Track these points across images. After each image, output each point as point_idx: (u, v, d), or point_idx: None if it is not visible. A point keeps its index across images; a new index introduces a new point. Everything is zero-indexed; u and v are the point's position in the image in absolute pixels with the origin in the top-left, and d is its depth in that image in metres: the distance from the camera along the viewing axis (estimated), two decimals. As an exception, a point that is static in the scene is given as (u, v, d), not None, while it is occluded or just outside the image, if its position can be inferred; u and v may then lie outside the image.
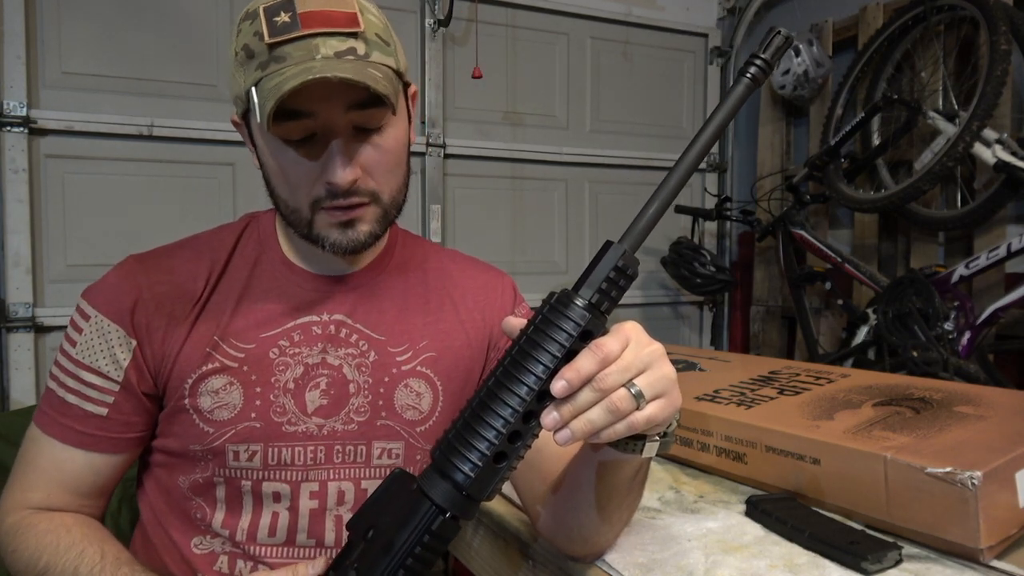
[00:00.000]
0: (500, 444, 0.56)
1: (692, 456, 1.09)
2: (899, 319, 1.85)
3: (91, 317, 0.80)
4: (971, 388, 1.07)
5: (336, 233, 0.77)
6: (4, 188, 1.82)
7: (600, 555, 0.82)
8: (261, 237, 0.87)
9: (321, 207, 0.76)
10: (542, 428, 0.57)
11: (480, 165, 2.43)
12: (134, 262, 0.83)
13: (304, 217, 0.77)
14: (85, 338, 0.79)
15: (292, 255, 0.86)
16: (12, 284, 1.84)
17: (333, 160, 0.73)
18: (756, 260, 2.70)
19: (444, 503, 0.58)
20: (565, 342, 0.55)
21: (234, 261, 0.85)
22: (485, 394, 0.57)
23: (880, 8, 2.21)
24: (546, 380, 0.56)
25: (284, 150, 0.74)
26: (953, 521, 0.76)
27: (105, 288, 0.81)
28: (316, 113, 0.71)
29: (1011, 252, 1.70)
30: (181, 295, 0.81)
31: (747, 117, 2.82)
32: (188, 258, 0.84)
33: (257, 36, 0.70)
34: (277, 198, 0.79)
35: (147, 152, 2.00)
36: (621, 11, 2.66)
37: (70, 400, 0.79)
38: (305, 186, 0.75)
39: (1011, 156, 1.72)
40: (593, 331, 0.56)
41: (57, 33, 1.89)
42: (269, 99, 0.67)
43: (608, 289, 0.57)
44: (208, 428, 0.80)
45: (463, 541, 1.07)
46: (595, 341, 0.56)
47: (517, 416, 0.56)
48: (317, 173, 0.74)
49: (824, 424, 0.95)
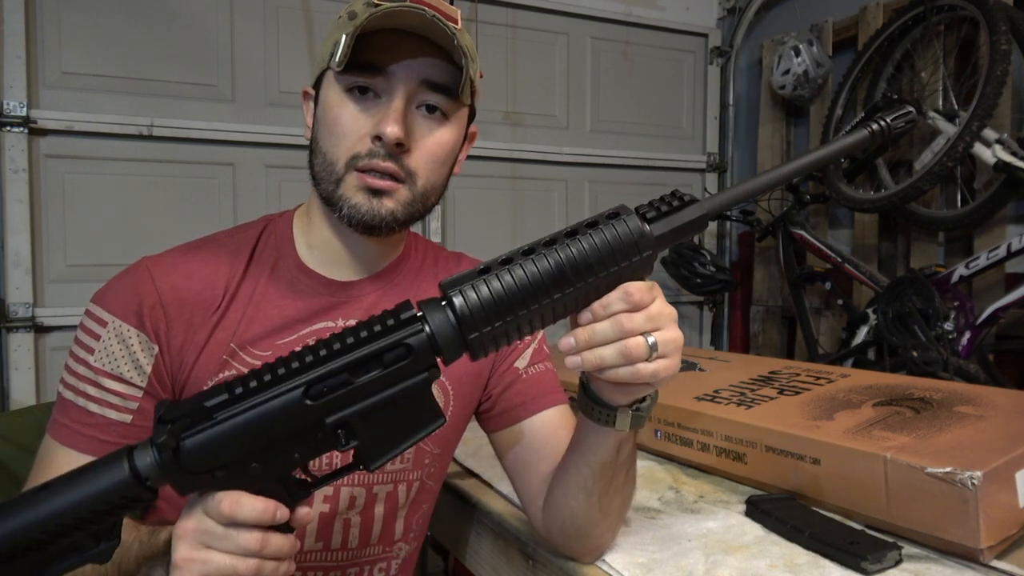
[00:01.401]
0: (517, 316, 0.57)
1: (692, 456, 1.09)
2: (899, 319, 1.85)
3: (108, 323, 0.77)
4: (971, 388, 1.07)
5: (361, 197, 0.76)
6: (4, 188, 1.82)
7: (600, 554, 0.82)
8: (278, 242, 0.86)
9: (356, 167, 0.76)
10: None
11: (480, 165, 2.43)
12: (150, 265, 0.80)
13: (337, 172, 0.77)
14: (104, 345, 0.76)
15: (309, 260, 0.85)
16: (12, 284, 1.84)
17: (387, 115, 0.74)
18: (756, 260, 2.70)
19: (436, 328, 0.56)
20: (616, 265, 0.58)
21: (252, 268, 0.83)
22: (528, 269, 0.56)
23: (880, 8, 2.21)
24: (583, 291, 0.58)
25: (344, 102, 0.76)
26: (953, 521, 0.76)
27: (121, 292, 0.79)
28: (392, 73, 0.73)
29: (1011, 252, 1.70)
30: (199, 302, 0.79)
31: (747, 117, 2.82)
32: (206, 262, 0.81)
33: (366, 3, 0.74)
34: (317, 154, 0.79)
35: (147, 152, 2.00)
36: (621, 11, 2.66)
37: (92, 409, 0.76)
38: (350, 138, 0.75)
39: (1011, 156, 1.72)
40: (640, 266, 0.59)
41: (57, 33, 1.89)
42: (359, 18, 0.70)
43: (672, 237, 0.61)
44: None
45: (463, 541, 1.08)
46: (627, 284, 0.59)
47: (547, 309, 0.57)
48: (367, 129, 0.75)
49: (824, 424, 0.95)
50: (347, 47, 0.71)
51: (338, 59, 0.72)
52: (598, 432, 0.70)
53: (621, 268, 0.58)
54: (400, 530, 0.89)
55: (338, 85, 0.76)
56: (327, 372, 0.56)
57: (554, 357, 0.98)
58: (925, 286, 1.80)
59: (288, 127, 2.12)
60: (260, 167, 2.14)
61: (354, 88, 0.76)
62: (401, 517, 0.89)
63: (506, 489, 1.02)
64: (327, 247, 0.84)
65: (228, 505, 0.56)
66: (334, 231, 0.84)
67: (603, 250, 0.57)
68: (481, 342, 0.57)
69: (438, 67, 0.76)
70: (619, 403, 0.67)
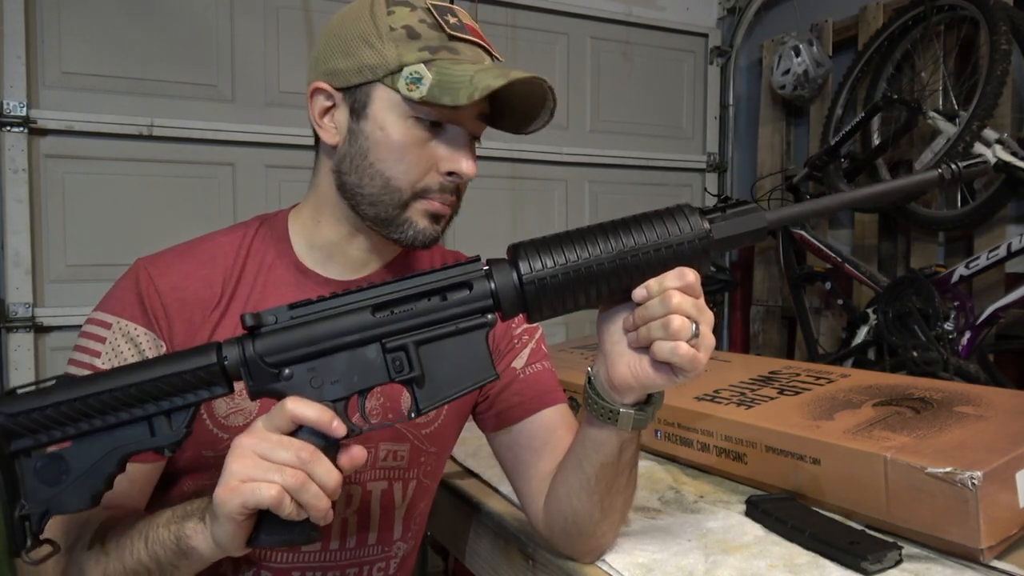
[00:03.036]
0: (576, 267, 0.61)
1: (692, 456, 1.09)
2: (899, 319, 1.84)
3: (112, 324, 0.77)
4: (971, 388, 1.07)
5: (425, 222, 0.79)
6: (4, 188, 1.82)
7: (600, 554, 0.82)
8: (275, 241, 0.85)
9: (424, 196, 0.78)
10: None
11: (480, 165, 2.41)
12: (146, 265, 0.80)
13: (402, 199, 0.78)
14: (110, 347, 0.76)
15: (307, 259, 0.85)
16: (12, 284, 1.84)
17: (466, 153, 0.78)
18: (756, 260, 2.70)
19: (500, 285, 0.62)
20: (673, 256, 0.63)
21: (248, 267, 0.83)
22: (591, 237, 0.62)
23: (880, 8, 2.21)
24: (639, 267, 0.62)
25: (413, 130, 0.76)
26: (953, 521, 0.76)
27: (122, 295, 0.79)
28: (461, 108, 0.74)
29: (1011, 252, 1.70)
30: (199, 301, 0.79)
31: (747, 117, 2.82)
32: (203, 262, 0.81)
33: (426, 24, 0.75)
34: (372, 176, 0.77)
35: (147, 152, 1.99)
36: (621, 11, 2.66)
37: None
38: (420, 169, 0.77)
39: (1011, 156, 1.72)
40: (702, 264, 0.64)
41: (57, 33, 1.89)
42: (475, 83, 0.71)
43: (731, 242, 0.65)
44: (222, 434, 0.79)
45: (463, 541, 1.08)
46: (683, 267, 0.63)
47: (602, 287, 0.62)
48: (435, 160, 0.78)
49: (824, 424, 0.95)
50: (459, 93, 0.71)
51: (427, 95, 0.72)
52: (602, 430, 0.72)
53: (671, 253, 0.62)
54: (399, 530, 0.89)
55: (402, 109, 0.75)
56: (392, 297, 0.62)
57: (554, 357, 0.98)
58: (925, 286, 1.80)
59: (288, 127, 2.11)
60: (260, 167, 2.14)
61: (423, 119, 0.76)
62: (399, 517, 0.89)
63: (506, 489, 1.02)
64: (331, 248, 0.84)
65: (291, 403, 0.60)
66: (354, 237, 0.84)
67: (662, 238, 0.62)
68: (539, 307, 0.61)
69: (487, 100, 0.79)
70: (623, 402, 0.69)
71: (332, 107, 0.79)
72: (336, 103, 0.79)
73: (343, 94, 0.78)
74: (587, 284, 0.62)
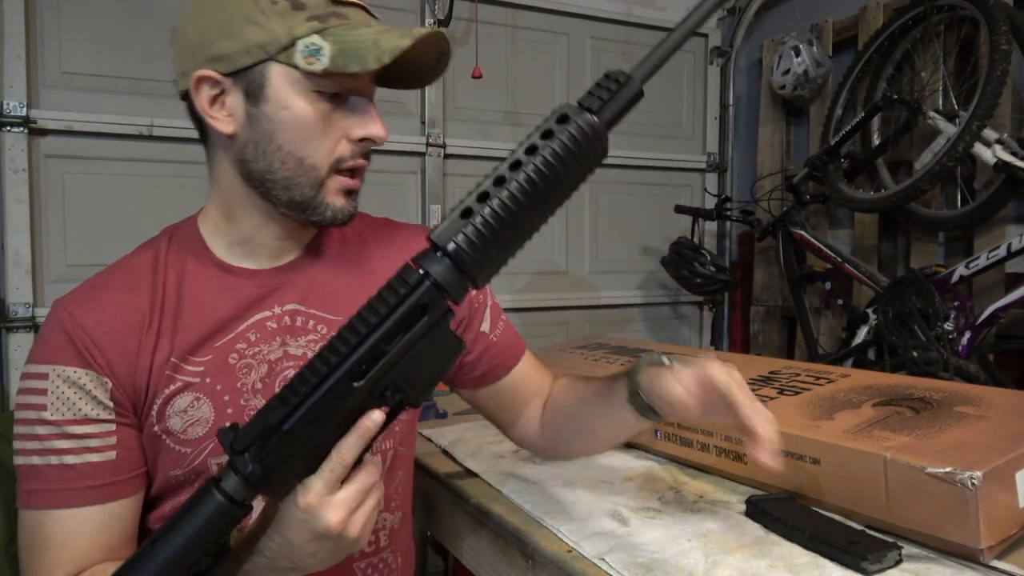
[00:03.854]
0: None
1: (692, 456, 1.09)
2: (899, 319, 1.85)
3: (48, 373, 0.74)
4: (971, 388, 1.07)
5: (342, 200, 0.79)
6: (4, 188, 1.82)
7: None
8: (189, 246, 0.83)
9: (339, 169, 0.77)
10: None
11: (480, 165, 2.43)
12: (66, 306, 0.77)
13: (319, 176, 0.76)
14: (54, 396, 0.73)
15: (227, 256, 0.83)
16: (12, 284, 1.84)
17: (374, 117, 0.77)
18: (756, 260, 2.70)
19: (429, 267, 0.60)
20: (579, 165, 0.61)
21: (170, 279, 0.81)
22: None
23: (880, 8, 2.21)
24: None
25: (317, 105, 0.74)
26: (953, 521, 0.76)
27: (51, 341, 0.76)
28: (361, 74, 0.73)
29: (1011, 252, 1.70)
30: (127, 328, 0.76)
31: (747, 117, 2.82)
32: (122, 288, 0.79)
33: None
34: (283, 159, 0.75)
35: (147, 152, 1.99)
36: (621, 11, 2.66)
37: (70, 461, 0.73)
38: (331, 142, 0.76)
39: (1011, 156, 1.72)
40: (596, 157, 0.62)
41: (57, 33, 1.89)
42: (379, 45, 0.70)
43: (618, 118, 0.64)
44: (185, 449, 0.77)
45: (463, 541, 1.08)
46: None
47: (531, 224, 0.60)
48: (343, 131, 0.76)
49: (824, 424, 0.95)
50: (367, 58, 0.70)
51: (330, 66, 0.71)
52: (639, 420, 0.82)
53: (584, 163, 0.61)
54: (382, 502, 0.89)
55: (303, 84, 0.73)
56: (364, 354, 0.60)
57: (554, 357, 0.99)
58: (925, 286, 1.80)
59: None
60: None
61: (325, 92, 0.74)
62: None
63: (506, 489, 1.02)
64: (252, 243, 0.83)
65: (338, 466, 0.63)
66: (268, 226, 0.82)
67: (566, 155, 0.60)
68: (482, 275, 0.60)
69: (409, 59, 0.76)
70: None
71: (221, 94, 0.75)
72: (226, 89, 0.75)
73: (232, 79, 0.74)
74: (516, 231, 0.60)
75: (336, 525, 0.62)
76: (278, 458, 0.61)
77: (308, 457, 0.63)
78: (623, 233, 2.71)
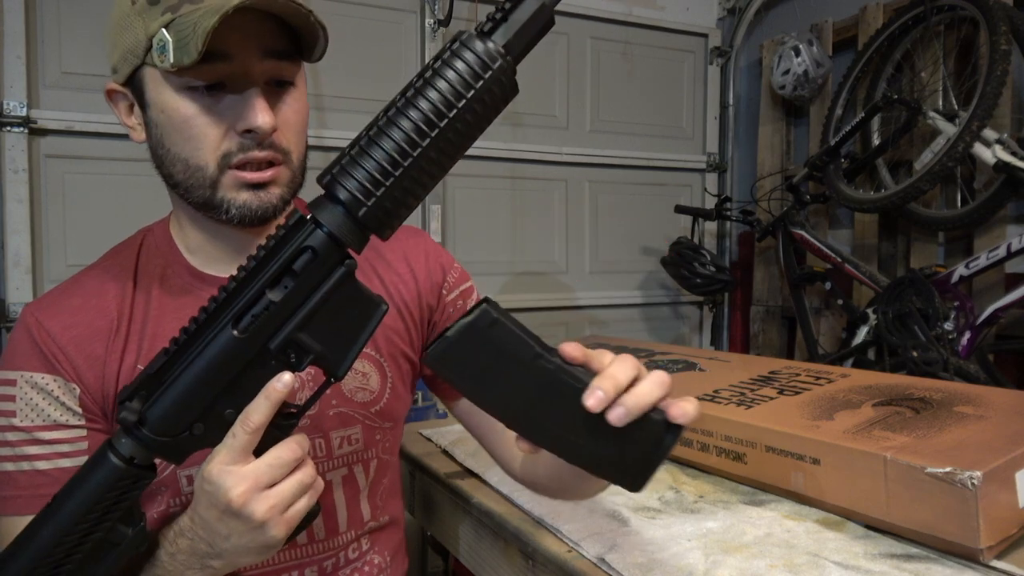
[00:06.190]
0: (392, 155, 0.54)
1: (692, 456, 1.09)
2: (899, 319, 1.85)
3: (16, 380, 0.72)
4: (971, 388, 1.07)
5: (245, 195, 0.71)
6: (4, 188, 1.82)
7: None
8: (161, 251, 0.81)
9: (231, 164, 0.70)
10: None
11: (480, 165, 2.43)
12: (34, 312, 0.75)
13: (208, 176, 0.70)
14: (23, 403, 0.72)
15: (198, 263, 0.80)
16: (12, 284, 1.84)
17: (253, 105, 0.68)
18: (756, 260, 2.70)
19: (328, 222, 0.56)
20: (473, 90, 0.54)
21: (140, 283, 0.78)
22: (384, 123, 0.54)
23: (880, 8, 2.21)
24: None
25: (188, 101, 0.68)
26: (953, 521, 0.76)
27: (17, 348, 0.74)
28: (233, 56, 0.66)
29: (1011, 252, 1.70)
30: (96, 333, 0.75)
31: (747, 117, 2.82)
32: (91, 293, 0.77)
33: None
34: (172, 162, 0.71)
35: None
36: (621, 11, 2.66)
37: (42, 467, 0.72)
38: (213, 138, 0.69)
39: (1011, 156, 1.72)
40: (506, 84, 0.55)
41: (57, 33, 1.89)
42: (196, 30, 0.62)
43: (519, 40, 0.55)
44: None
45: (463, 540, 1.08)
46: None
47: (430, 158, 0.55)
48: (229, 123, 0.69)
49: (824, 424, 0.95)
50: (189, 47, 0.62)
51: (173, 60, 0.64)
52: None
53: (479, 91, 0.54)
54: (367, 511, 0.88)
55: (172, 83, 0.68)
56: (245, 302, 0.57)
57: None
58: (925, 286, 1.80)
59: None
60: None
61: (197, 86, 0.68)
62: (364, 498, 0.87)
63: (506, 489, 1.02)
64: (205, 249, 0.80)
65: (241, 430, 0.58)
66: (208, 233, 0.79)
67: (456, 81, 0.54)
68: (377, 218, 0.56)
69: (270, 32, 0.68)
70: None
71: (131, 105, 0.74)
72: (129, 99, 0.73)
73: (128, 88, 0.73)
74: (413, 167, 0.55)
75: (236, 498, 0.58)
76: (166, 413, 0.57)
77: (202, 418, 0.59)
78: (623, 233, 2.72)
